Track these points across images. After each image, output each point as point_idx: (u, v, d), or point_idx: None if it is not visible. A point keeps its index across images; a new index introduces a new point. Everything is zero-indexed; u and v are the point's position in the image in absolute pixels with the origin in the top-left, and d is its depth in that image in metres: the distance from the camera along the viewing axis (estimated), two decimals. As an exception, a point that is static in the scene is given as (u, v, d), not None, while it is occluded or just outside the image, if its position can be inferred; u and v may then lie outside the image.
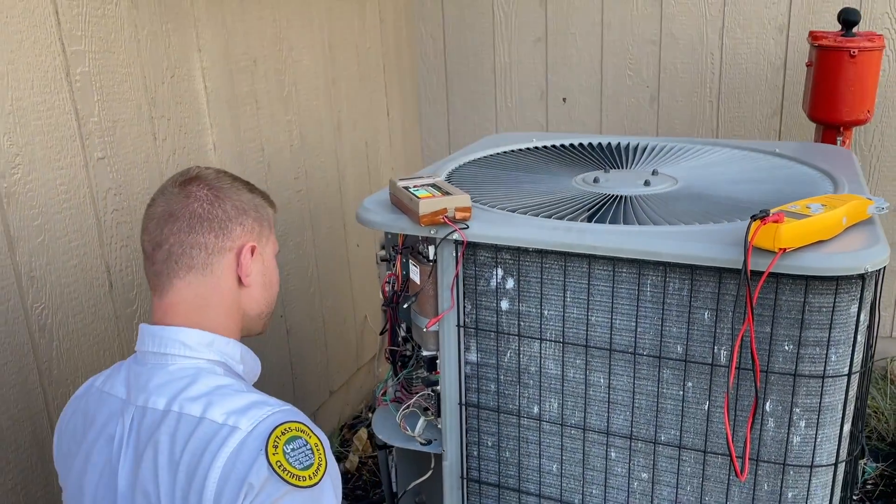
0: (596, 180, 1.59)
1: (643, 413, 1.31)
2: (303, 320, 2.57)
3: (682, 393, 1.28)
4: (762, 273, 1.12)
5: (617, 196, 1.48)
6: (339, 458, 2.66)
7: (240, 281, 1.20)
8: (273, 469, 1.01)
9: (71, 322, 1.66)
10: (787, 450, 1.24)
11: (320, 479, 1.04)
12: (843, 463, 1.25)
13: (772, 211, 1.12)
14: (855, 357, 1.19)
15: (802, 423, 1.22)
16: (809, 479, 1.24)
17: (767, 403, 1.23)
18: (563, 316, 1.32)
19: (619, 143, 1.90)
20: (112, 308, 1.77)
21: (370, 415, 2.84)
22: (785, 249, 1.10)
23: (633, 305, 1.26)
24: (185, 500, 1.04)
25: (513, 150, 1.89)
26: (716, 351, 1.23)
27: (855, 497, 2.37)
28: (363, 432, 2.69)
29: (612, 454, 1.36)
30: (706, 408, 1.27)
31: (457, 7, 3.07)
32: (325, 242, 2.67)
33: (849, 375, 1.19)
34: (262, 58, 2.26)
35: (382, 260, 1.56)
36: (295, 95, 2.43)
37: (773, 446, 1.25)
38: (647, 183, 1.55)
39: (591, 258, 1.26)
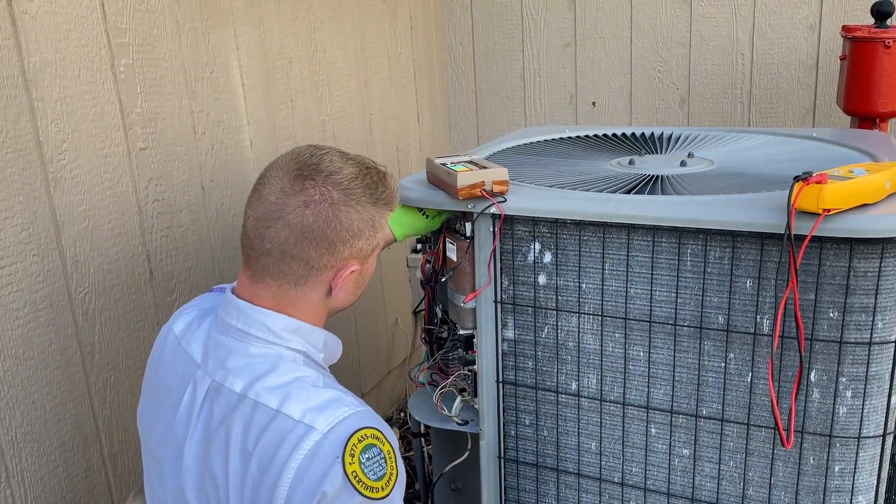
0: (631, 162, 1.59)
1: (684, 386, 1.30)
2: (335, 321, 2.57)
3: (723, 365, 1.26)
4: (805, 236, 1.11)
5: (653, 175, 1.48)
6: (371, 460, 2.65)
7: (329, 292, 1.16)
8: (349, 479, 0.99)
9: (112, 308, 1.69)
10: (834, 421, 1.21)
11: (392, 490, 1.04)
12: (891, 435, 1.22)
13: (814, 173, 1.11)
14: (902, 324, 1.17)
15: (849, 394, 1.20)
16: (857, 452, 1.22)
17: (812, 373, 1.21)
18: (602, 289, 1.31)
19: (652, 133, 1.91)
20: (152, 296, 1.80)
21: (402, 415, 2.84)
22: (829, 211, 1.09)
23: (674, 276, 1.26)
24: (256, 494, 1.03)
25: (546, 140, 1.90)
26: (758, 320, 1.22)
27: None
28: (395, 432, 2.68)
29: (653, 430, 1.34)
30: (749, 379, 1.26)
31: (486, 14, 3.11)
32: (356, 244, 2.68)
33: (896, 343, 1.17)
34: (296, 58, 2.31)
35: (418, 242, 1.57)
36: (328, 96, 2.47)
37: (818, 418, 1.22)
38: (683, 164, 1.55)
39: (629, 228, 1.26)
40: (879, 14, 2.14)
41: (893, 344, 1.17)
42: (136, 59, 1.73)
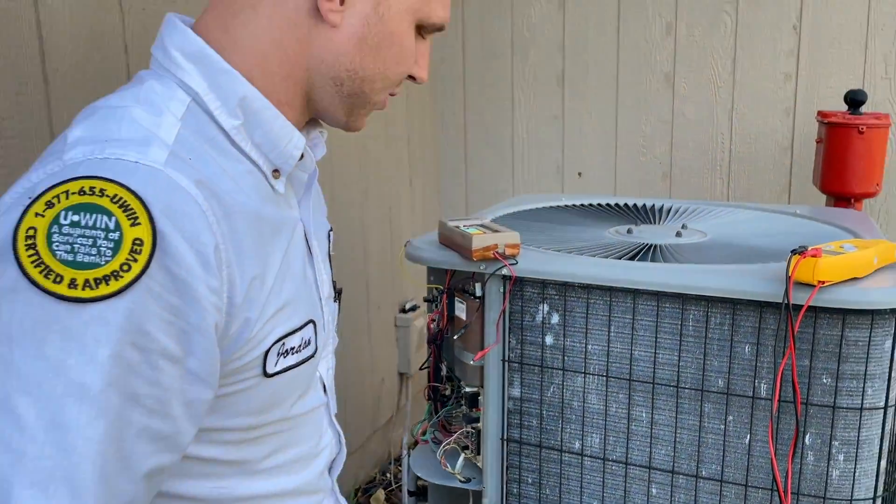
0: (629, 231, 1.68)
1: (685, 447, 1.35)
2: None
3: (723, 427, 1.32)
4: (802, 306, 1.19)
5: (651, 245, 1.56)
6: (355, 521, 2.64)
7: (318, 10, 0.80)
8: (13, 239, 0.60)
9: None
10: (828, 483, 1.27)
11: (106, 297, 0.60)
12: (881, 498, 1.28)
13: (809, 248, 1.20)
14: (890, 391, 1.24)
15: (841, 457, 1.26)
16: (850, 515, 1.27)
17: (807, 437, 1.27)
18: (608, 350, 1.37)
19: (644, 204, 2.00)
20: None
21: (386, 477, 2.83)
22: (823, 283, 1.17)
23: (676, 340, 1.32)
24: None
25: (544, 207, 1.99)
26: (756, 384, 1.29)
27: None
28: (380, 493, 2.67)
29: (654, 490, 1.38)
30: (747, 441, 1.31)
31: (478, 86, 3.24)
32: (346, 304, 2.71)
33: (885, 409, 1.24)
34: (301, 120, 2.38)
35: (425, 300, 1.62)
36: (328, 155, 2.54)
37: (813, 480, 1.28)
38: (678, 234, 1.63)
39: (635, 293, 1.33)
40: (853, 102, 2.29)
41: (882, 410, 1.24)
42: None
